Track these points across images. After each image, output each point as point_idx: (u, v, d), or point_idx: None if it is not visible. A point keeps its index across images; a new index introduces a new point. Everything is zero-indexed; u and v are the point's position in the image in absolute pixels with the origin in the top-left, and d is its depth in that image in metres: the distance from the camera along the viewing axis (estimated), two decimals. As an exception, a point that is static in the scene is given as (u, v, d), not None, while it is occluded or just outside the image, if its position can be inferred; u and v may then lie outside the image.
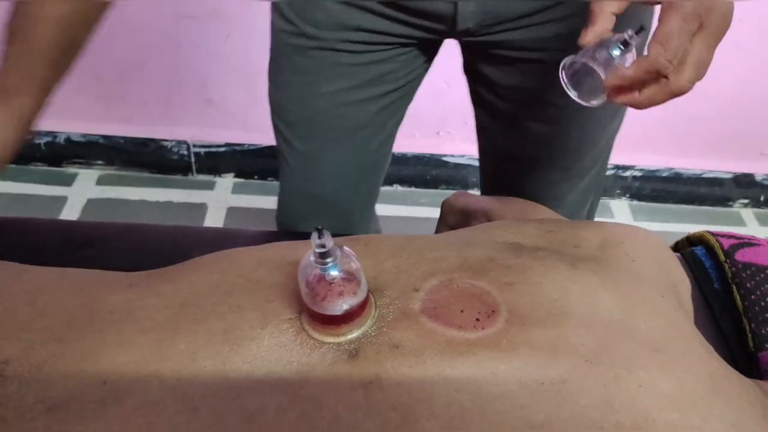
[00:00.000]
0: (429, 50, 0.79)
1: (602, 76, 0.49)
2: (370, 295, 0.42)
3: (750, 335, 0.64)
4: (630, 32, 0.49)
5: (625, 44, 0.49)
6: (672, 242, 0.81)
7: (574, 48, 0.63)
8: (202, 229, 0.92)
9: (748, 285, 0.67)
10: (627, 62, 0.49)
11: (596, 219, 1.63)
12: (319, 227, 0.36)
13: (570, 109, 0.75)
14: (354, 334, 0.41)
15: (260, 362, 0.40)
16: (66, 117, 1.63)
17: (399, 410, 0.37)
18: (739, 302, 0.66)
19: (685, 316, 0.47)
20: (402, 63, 0.77)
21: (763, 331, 0.63)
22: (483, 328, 0.41)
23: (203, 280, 0.46)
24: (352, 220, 0.92)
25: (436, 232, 0.86)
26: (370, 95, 0.78)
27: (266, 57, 1.49)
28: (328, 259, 0.38)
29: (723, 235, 0.74)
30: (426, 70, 0.83)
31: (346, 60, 0.75)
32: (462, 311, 0.40)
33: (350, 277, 0.39)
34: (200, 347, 0.41)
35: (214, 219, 1.62)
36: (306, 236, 0.40)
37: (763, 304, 0.65)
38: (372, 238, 0.50)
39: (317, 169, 0.84)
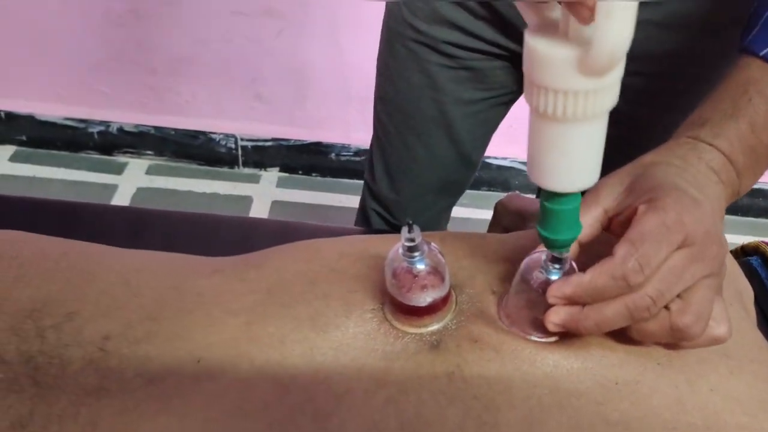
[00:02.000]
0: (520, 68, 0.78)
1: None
2: (452, 291, 0.44)
3: (807, 347, 0.64)
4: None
5: (557, 260, 0.39)
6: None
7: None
8: (265, 221, 0.94)
9: (806, 296, 0.67)
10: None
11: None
12: (410, 222, 0.38)
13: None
14: (435, 326, 0.43)
15: (346, 348, 0.42)
16: (119, 107, 1.68)
17: (480, 400, 0.39)
18: (795, 312, 0.66)
19: (751, 324, 0.48)
20: (491, 75, 0.75)
21: (820, 342, 0.63)
22: (556, 335, 0.42)
23: (288, 267, 0.48)
24: (427, 213, 0.93)
25: (489, 231, 0.88)
26: (455, 99, 0.78)
27: (315, 54, 1.53)
28: (416, 253, 0.39)
29: (779, 246, 0.74)
30: (516, 88, 0.79)
31: (435, 59, 0.74)
32: (537, 318, 0.42)
33: (435, 271, 0.41)
34: (289, 331, 0.43)
35: (259, 211, 1.65)
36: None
37: (820, 315, 0.65)
38: (447, 235, 0.51)
39: (397, 153, 0.86)
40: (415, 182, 0.88)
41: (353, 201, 1.13)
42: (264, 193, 1.71)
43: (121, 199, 1.64)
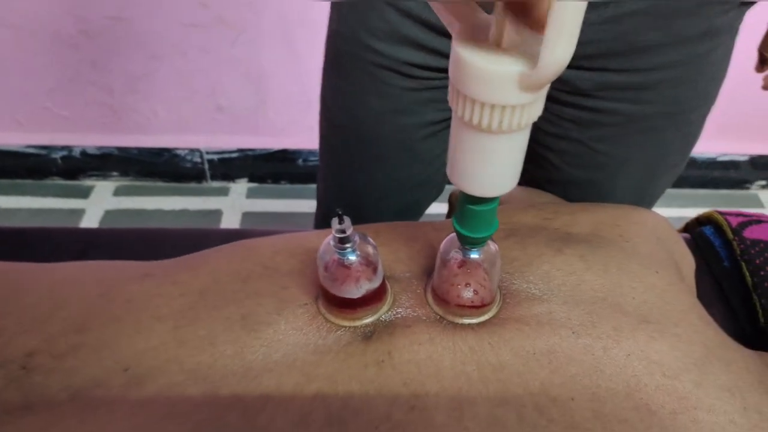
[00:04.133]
0: None
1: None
2: (386, 282, 0.43)
3: (760, 311, 0.64)
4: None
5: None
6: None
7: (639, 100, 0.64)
8: (220, 230, 0.93)
9: (757, 261, 0.67)
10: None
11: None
12: (340, 212, 0.37)
13: (616, 159, 0.71)
14: (370, 319, 0.42)
15: (278, 345, 0.41)
16: (80, 130, 1.66)
17: (409, 386, 0.39)
18: (748, 279, 0.66)
19: (684, 291, 0.47)
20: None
21: (775, 306, 0.63)
22: (480, 310, 0.42)
23: (222, 268, 0.47)
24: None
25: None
26: (419, 122, 0.73)
27: (272, 61, 1.52)
28: (347, 245, 0.39)
29: (731, 214, 0.74)
30: None
31: (398, 83, 0.69)
32: (463, 294, 0.41)
33: (367, 262, 0.40)
34: (219, 332, 0.42)
35: (230, 224, 1.64)
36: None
37: (773, 278, 0.65)
38: (381, 227, 0.51)
39: (353, 178, 0.81)
40: (374, 207, 0.84)
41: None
42: (234, 206, 1.70)
43: (90, 223, 1.63)
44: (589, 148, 0.71)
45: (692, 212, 1.69)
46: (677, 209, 1.71)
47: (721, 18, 0.60)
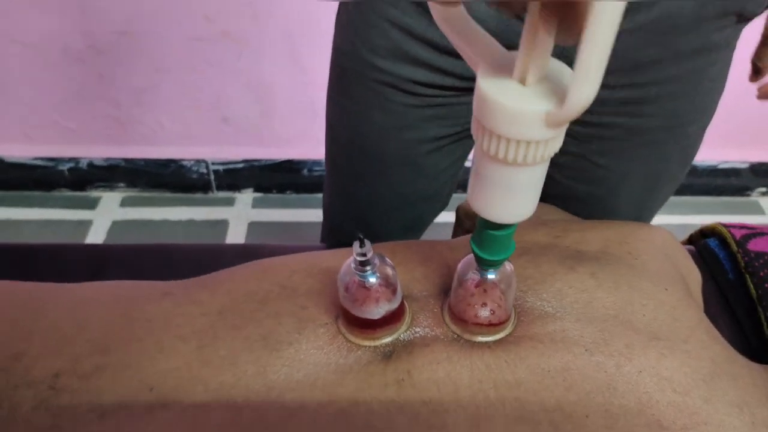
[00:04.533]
0: None
1: None
2: (404, 302, 0.44)
3: (765, 323, 0.65)
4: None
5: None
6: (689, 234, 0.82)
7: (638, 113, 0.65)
8: (228, 246, 0.94)
9: (761, 274, 0.68)
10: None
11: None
12: (361, 236, 0.39)
13: (615, 173, 0.73)
14: (389, 339, 0.43)
15: (299, 364, 0.42)
16: (87, 142, 1.67)
17: (429, 404, 0.40)
18: (753, 291, 0.68)
19: (692, 306, 0.49)
20: (462, 110, 0.71)
21: (779, 318, 0.65)
22: (497, 328, 0.43)
23: (239, 288, 0.48)
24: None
25: (453, 235, 0.88)
26: (423, 137, 0.73)
27: (277, 73, 1.53)
28: (368, 267, 0.40)
29: (735, 226, 0.75)
30: None
31: (402, 99, 0.69)
32: (480, 313, 0.43)
33: (387, 283, 0.41)
34: (240, 352, 0.43)
35: (236, 234, 1.65)
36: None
37: (777, 291, 0.67)
38: (397, 246, 0.52)
39: (358, 192, 0.82)
40: (379, 220, 0.85)
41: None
42: (240, 216, 1.71)
43: (97, 234, 1.64)
44: (590, 162, 0.72)
45: (694, 219, 1.71)
46: (679, 216, 1.72)
47: (718, 34, 0.61)
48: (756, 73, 0.73)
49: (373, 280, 0.41)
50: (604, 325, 0.44)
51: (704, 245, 0.76)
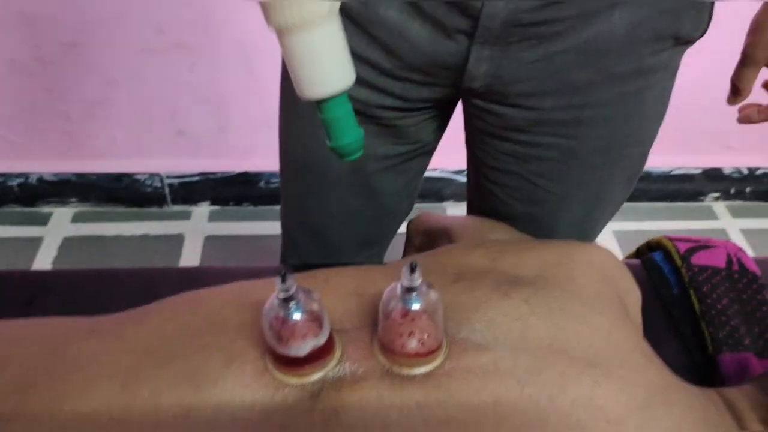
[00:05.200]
0: (435, 118, 0.73)
1: None
2: (334, 335, 0.43)
3: (708, 338, 0.65)
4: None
5: (410, 290, 0.40)
6: (644, 240, 0.82)
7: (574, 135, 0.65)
8: (170, 269, 0.92)
9: (704, 289, 0.68)
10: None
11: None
12: (283, 271, 0.37)
13: (557, 195, 0.72)
14: (318, 375, 0.42)
15: (225, 405, 0.41)
16: (37, 157, 1.63)
17: None
18: (696, 306, 0.68)
19: (629, 328, 0.48)
20: (406, 130, 0.71)
21: (721, 335, 0.65)
22: (427, 359, 0.42)
23: (170, 322, 0.47)
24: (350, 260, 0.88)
25: (405, 252, 0.88)
26: (371, 155, 0.72)
27: (230, 84, 1.51)
28: (291, 303, 0.39)
29: (680, 239, 0.76)
30: (433, 139, 0.76)
31: None
32: (408, 343, 0.42)
33: (313, 318, 0.40)
34: (163, 391, 0.42)
35: (192, 249, 1.62)
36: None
37: (719, 306, 0.67)
38: (331, 274, 0.51)
39: (312, 209, 0.82)
40: (336, 236, 0.85)
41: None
42: (196, 230, 1.68)
43: (48, 250, 1.60)
44: (529, 182, 0.72)
45: (649, 225, 1.73)
46: (634, 223, 1.74)
47: (654, 57, 0.61)
48: (735, 94, 0.73)
49: (297, 315, 0.40)
50: (537, 353, 0.43)
51: (649, 259, 0.77)
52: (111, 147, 1.62)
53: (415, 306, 0.41)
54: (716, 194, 1.81)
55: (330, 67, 0.38)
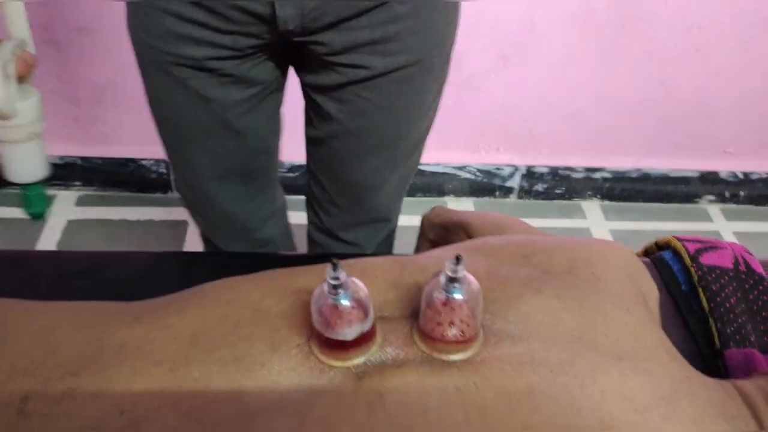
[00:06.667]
0: (271, 57, 0.82)
1: None
2: (376, 323, 0.45)
3: (716, 334, 0.68)
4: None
5: (454, 280, 0.42)
6: (642, 240, 0.85)
7: (387, 52, 0.74)
8: (189, 254, 0.96)
9: (714, 287, 0.71)
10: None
11: (571, 225, 1.68)
12: (335, 261, 0.40)
13: (380, 106, 0.82)
14: (361, 359, 0.44)
15: (272, 386, 0.43)
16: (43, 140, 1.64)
17: (397, 427, 0.40)
18: (705, 304, 0.70)
19: (652, 325, 0.51)
20: (252, 72, 0.80)
21: (728, 331, 0.68)
22: (465, 346, 0.44)
23: (211, 312, 0.48)
24: (238, 221, 1.00)
25: (417, 246, 0.90)
26: (226, 103, 0.82)
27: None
28: (341, 290, 0.41)
29: (689, 240, 0.78)
30: (283, 74, 0.86)
31: (193, 75, 0.78)
32: (448, 331, 0.44)
33: (359, 305, 0.42)
34: (213, 373, 0.43)
35: (196, 235, 1.63)
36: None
37: (727, 305, 0.70)
38: (368, 265, 0.53)
39: (188, 167, 0.92)
40: (217, 180, 0.94)
41: (292, 216, 1.15)
42: (200, 216, 1.69)
43: (52, 232, 1.61)
44: (358, 96, 0.82)
45: (644, 225, 1.76)
46: (632, 222, 1.77)
47: None
48: None
49: (345, 302, 0.42)
50: (569, 346, 0.46)
51: (659, 257, 0.79)
52: (118, 132, 1.63)
53: (458, 296, 0.43)
54: (711, 197, 1.85)
55: (29, 165, 0.57)
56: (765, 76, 1.59)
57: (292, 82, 0.88)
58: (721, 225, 1.81)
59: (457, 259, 0.41)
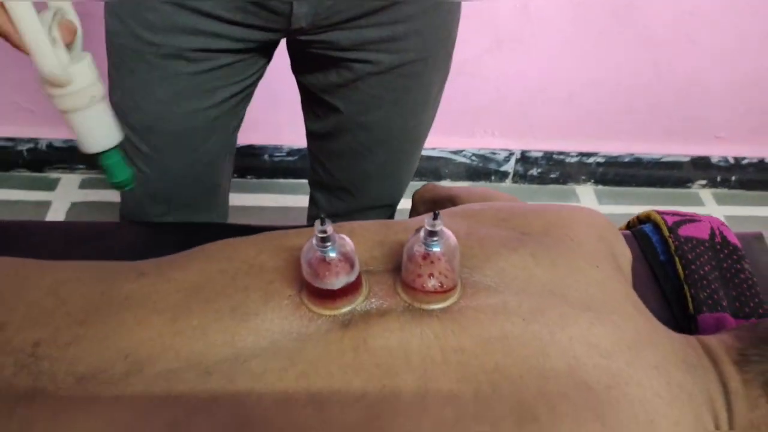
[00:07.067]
0: (266, 53, 0.81)
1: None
2: (362, 275, 0.49)
3: (690, 299, 0.72)
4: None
5: (433, 234, 0.46)
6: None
7: (395, 50, 0.74)
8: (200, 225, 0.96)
9: (689, 256, 0.74)
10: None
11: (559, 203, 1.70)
12: (322, 216, 0.43)
13: (388, 100, 0.83)
14: (347, 308, 0.48)
15: (265, 333, 0.47)
16: (47, 123, 1.67)
17: (381, 367, 0.44)
18: (680, 271, 0.74)
19: (621, 281, 0.54)
20: (241, 68, 0.78)
21: (702, 296, 0.71)
22: (444, 296, 0.48)
23: (211, 266, 0.52)
24: (198, 212, 0.96)
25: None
26: (210, 103, 0.79)
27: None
28: (328, 243, 0.45)
29: (668, 213, 0.82)
30: (263, 72, 0.84)
31: (184, 69, 0.74)
32: (428, 282, 0.47)
33: (345, 258, 0.46)
34: (211, 322, 0.47)
35: (197, 217, 1.67)
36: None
37: (701, 272, 0.73)
38: (355, 226, 0.56)
39: (158, 170, 0.85)
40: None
41: (289, 200, 1.18)
42: (200, 199, 1.72)
43: (56, 215, 1.64)
44: (366, 93, 0.82)
45: (638, 209, 1.78)
46: (624, 206, 1.80)
47: None
48: None
49: (333, 254, 0.46)
50: (540, 298, 0.49)
51: (639, 230, 0.83)
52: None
53: (436, 249, 0.46)
54: (703, 182, 1.88)
55: (99, 132, 0.57)
56: (756, 61, 1.62)
57: (287, 63, 0.88)
58: (713, 209, 1.84)
59: (435, 215, 0.45)
